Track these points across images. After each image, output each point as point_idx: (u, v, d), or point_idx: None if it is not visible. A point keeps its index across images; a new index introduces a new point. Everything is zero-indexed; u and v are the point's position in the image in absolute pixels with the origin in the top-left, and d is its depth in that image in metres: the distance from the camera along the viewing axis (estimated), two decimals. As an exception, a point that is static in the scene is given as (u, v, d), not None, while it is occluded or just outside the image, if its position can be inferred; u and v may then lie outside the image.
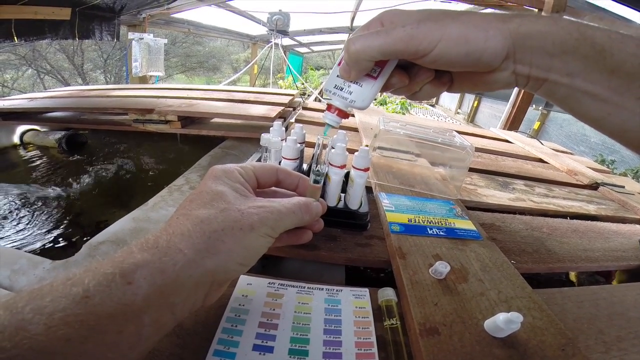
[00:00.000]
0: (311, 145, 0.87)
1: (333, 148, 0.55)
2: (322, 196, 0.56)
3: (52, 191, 1.20)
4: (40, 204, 1.09)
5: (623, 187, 1.06)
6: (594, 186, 1.06)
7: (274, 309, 0.37)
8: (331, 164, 0.52)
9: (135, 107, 1.17)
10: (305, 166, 0.68)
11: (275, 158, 0.59)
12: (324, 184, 0.56)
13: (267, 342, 0.33)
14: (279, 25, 3.14)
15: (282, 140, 0.59)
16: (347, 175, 0.58)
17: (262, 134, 0.57)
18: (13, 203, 1.06)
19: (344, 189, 0.58)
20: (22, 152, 1.64)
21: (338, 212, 0.55)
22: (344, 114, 0.40)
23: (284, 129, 0.64)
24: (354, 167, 0.53)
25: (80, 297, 0.20)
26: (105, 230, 0.60)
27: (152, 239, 0.27)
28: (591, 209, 0.86)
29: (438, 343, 0.34)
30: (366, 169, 0.53)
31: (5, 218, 0.96)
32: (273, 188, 0.42)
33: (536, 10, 3.18)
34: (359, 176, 0.53)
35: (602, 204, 0.90)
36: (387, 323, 0.37)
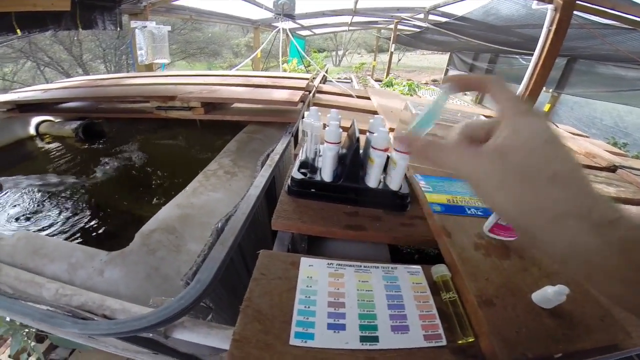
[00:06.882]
0: (344, 129, 0.88)
1: (372, 133, 0.56)
2: (364, 179, 0.58)
3: (76, 181, 1.21)
4: (66, 194, 1.10)
5: (641, 169, 1.07)
6: (612, 169, 1.06)
7: (338, 289, 0.40)
8: (374, 148, 0.54)
9: (156, 95, 1.17)
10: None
11: (315, 142, 0.60)
12: (367, 166, 0.57)
13: (338, 320, 0.36)
14: (286, 10, 3.09)
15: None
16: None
17: (304, 119, 0.58)
18: (39, 195, 1.07)
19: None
20: (39, 143, 1.65)
21: (380, 193, 0.57)
22: None
23: (319, 113, 0.65)
24: (396, 150, 0.54)
25: None
26: (153, 218, 0.62)
27: None
28: (611, 191, 0.87)
29: (495, 313, 0.37)
30: (408, 152, 0.54)
31: (35, 212, 0.98)
32: None
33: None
34: (401, 158, 0.54)
35: (621, 187, 0.91)
36: (445, 296, 0.39)
